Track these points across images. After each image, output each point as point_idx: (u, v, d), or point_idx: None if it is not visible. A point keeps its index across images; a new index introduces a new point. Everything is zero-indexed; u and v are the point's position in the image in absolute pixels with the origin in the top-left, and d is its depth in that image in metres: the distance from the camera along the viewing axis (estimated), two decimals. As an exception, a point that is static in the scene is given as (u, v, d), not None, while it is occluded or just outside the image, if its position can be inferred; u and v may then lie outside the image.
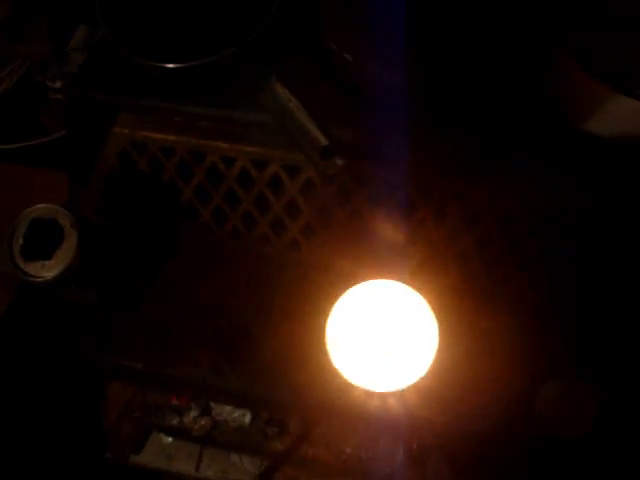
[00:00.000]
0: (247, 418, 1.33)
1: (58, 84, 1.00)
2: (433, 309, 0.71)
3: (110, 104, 0.84)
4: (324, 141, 0.65)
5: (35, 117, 1.15)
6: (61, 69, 0.99)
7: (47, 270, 0.72)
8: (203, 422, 1.36)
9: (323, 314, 0.78)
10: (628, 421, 0.77)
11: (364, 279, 0.77)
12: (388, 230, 0.84)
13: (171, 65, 0.71)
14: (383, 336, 0.68)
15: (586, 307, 0.81)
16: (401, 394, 0.74)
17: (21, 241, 0.73)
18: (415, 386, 0.71)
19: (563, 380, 0.78)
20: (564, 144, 0.76)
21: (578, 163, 0.76)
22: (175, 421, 1.38)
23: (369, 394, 0.74)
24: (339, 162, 0.65)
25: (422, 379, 0.70)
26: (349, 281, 0.80)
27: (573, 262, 0.82)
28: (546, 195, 0.78)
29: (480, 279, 0.84)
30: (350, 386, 0.73)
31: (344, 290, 0.77)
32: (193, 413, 1.36)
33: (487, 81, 0.78)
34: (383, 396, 0.74)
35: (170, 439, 1.42)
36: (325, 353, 0.72)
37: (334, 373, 0.73)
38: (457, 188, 0.79)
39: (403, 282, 0.71)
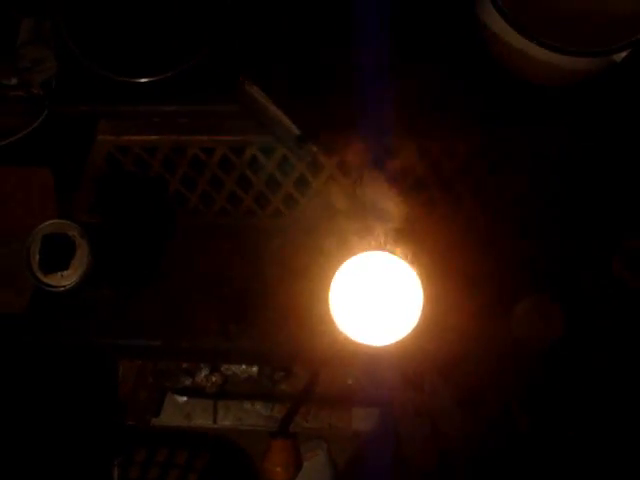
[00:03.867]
0: (255, 368, 1.43)
1: (14, 81, 1.04)
2: (414, 259, 0.81)
3: (90, 113, 0.90)
4: (297, 131, 0.73)
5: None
6: (15, 66, 1.02)
7: (66, 279, 0.80)
8: (214, 379, 1.46)
9: (314, 273, 0.88)
10: (590, 331, 0.88)
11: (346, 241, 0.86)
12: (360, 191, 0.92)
13: (143, 80, 0.78)
14: (377, 297, 0.78)
15: (547, 235, 0.91)
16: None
17: (38, 257, 0.80)
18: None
19: (534, 298, 0.88)
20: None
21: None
22: (188, 382, 1.47)
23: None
24: (314, 148, 0.73)
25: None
26: (329, 239, 0.90)
27: (533, 194, 0.92)
28: (491, 138, 0.87)
29: (450, 221, 0.94)
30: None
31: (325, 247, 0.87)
32: (204, 372, 1.46)
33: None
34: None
35: (185, 398, 1.52)
36: (325, 313, 0.81)
37: (332, 326, 0.83)
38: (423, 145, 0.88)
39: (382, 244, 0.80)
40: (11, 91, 1.05)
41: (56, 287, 0.80)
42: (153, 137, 0.90)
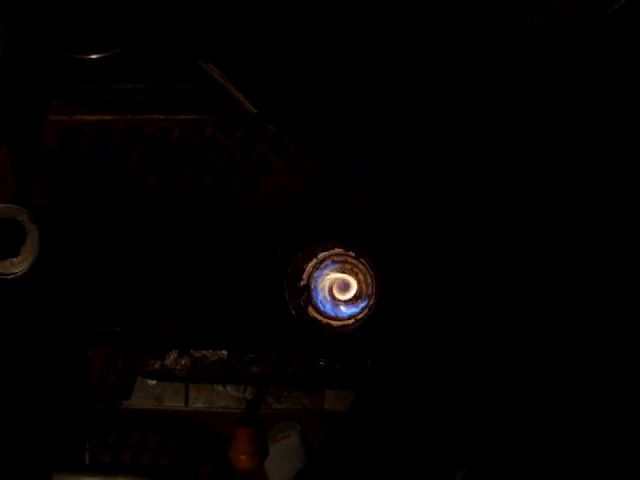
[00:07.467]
0: (224, 351, 1.41)
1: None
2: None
3: (42, 92, 0.87)
4: (252, 109, 0.70)
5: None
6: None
7: (16, 266, 0.76)
8: (183, 362, 1.43)
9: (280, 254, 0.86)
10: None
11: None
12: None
13: (94, 56, 0.74)
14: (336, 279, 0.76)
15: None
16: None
17: (-16, 243, 0.77)
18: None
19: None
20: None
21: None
22: (157, 365, 1.45)
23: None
24: (270, 127, 0.70)
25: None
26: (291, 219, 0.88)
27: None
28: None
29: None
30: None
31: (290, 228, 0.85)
32: (173, 355, 1.44)
33: None
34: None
35: (154, 382, 1.51)
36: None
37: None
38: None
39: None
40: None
41: (5, 275, 0.77)
42: (107, 116, 0.87)
